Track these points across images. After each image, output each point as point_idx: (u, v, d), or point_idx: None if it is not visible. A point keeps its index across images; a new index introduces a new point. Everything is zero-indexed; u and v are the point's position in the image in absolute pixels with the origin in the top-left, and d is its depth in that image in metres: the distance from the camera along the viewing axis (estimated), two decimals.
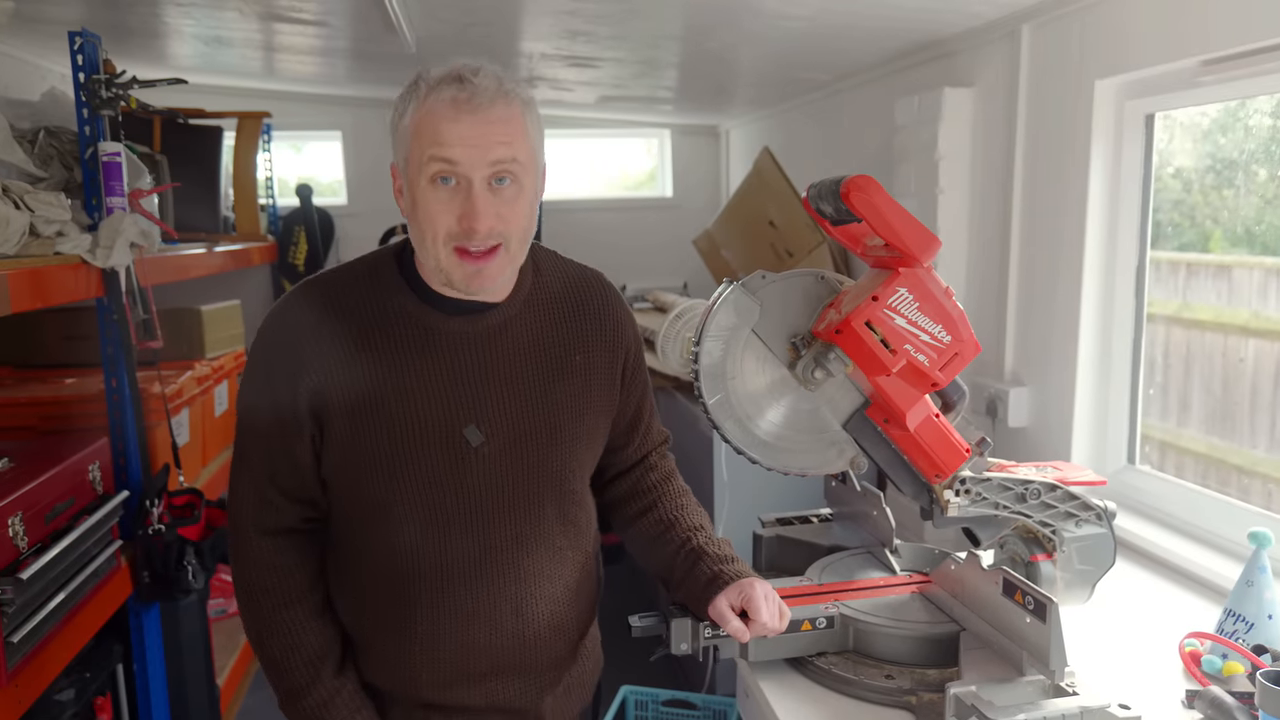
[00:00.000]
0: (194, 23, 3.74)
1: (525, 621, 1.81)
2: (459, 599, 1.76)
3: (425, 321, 1.73)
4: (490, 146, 1.60)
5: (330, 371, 1.69)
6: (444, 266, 1.66)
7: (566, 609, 1.88)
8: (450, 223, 1.62)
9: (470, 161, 1.59)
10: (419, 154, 1.61)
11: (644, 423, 2.05)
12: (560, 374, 1.81)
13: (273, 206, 5.77)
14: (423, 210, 1.63)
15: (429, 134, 1.60)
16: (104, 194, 2.84)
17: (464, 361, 1.73)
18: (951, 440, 2.01)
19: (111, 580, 2.79)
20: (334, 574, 1.84)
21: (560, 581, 1.86)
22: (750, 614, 1.81)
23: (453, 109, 1.59)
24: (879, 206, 1.81)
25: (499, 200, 1.63)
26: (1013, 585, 1.82)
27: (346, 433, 1.70)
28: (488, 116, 1.60)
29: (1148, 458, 2.82)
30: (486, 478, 1.74)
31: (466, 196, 1.61)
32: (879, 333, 1.86)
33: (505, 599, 1.79)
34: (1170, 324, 2.77)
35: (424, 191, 1.62)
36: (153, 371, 3.24)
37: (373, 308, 1.73)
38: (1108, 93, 2.68)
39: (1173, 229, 2.75)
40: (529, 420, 1.77)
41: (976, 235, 3.28)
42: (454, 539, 1.75)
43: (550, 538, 1.83)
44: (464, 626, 1.77)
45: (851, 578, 2.22)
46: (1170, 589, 2.40)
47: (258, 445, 1.76)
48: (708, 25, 3.48)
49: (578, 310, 1.87)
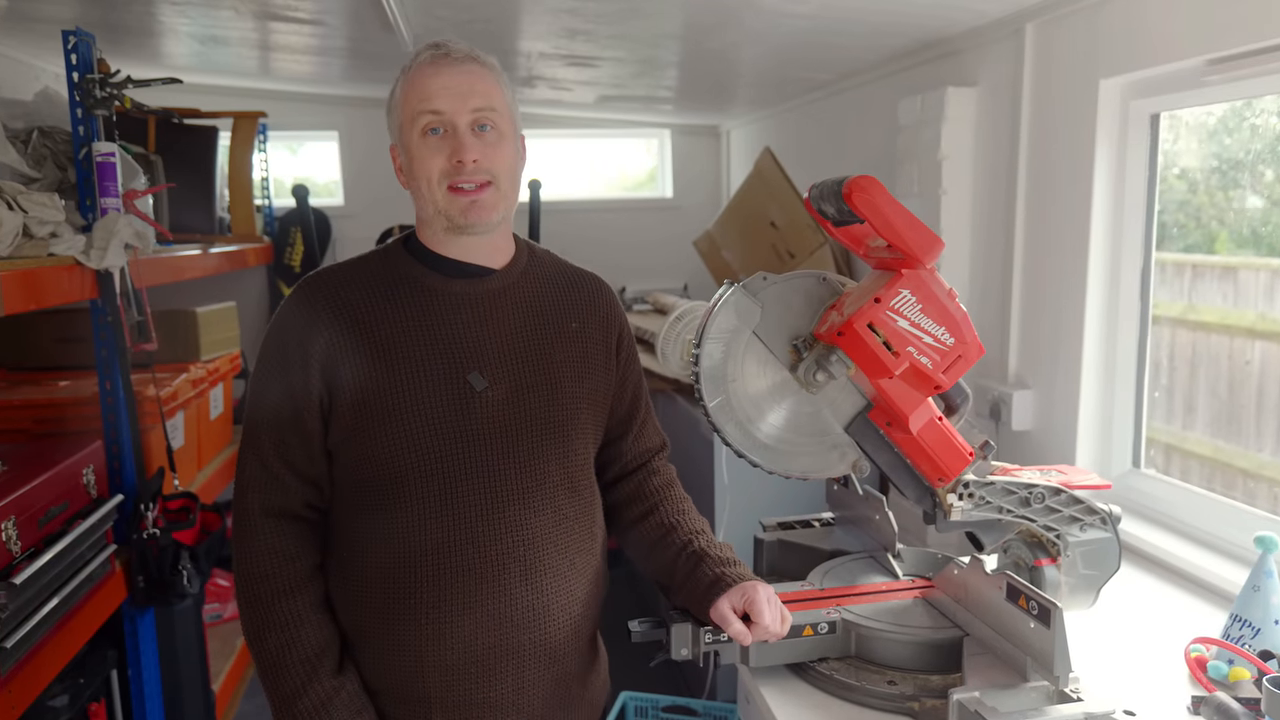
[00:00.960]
0: (189, 21, 3.75)
1: (535, 590, 1.83)
2: (467, 557, 1.79)
3: (428, 283, 1.87)
4: (469, 95, 1.79)
5: (338, 336, 1.80)
6: (442, 207, 1.82)
7: (575, 586, 1.90)
8: (443, 164, 1.79)
9: (453, 108, 1.78)
10: (410, 113, 1.80)
11: (641, 414, 2.10)
12: (558, 337, 1.92)
13: (268, 207, 5.76)
14: (419, 161, 1.81)
15: (415, 93, 1.80)
16: (98, 195, 2.84)
17: (465, 318, 1.85)
18: (955, 444, 2.02)
19: (105, 585, 2.79)
20: (335, 569, 1.86)
21: (566, 553, 1.88)
22: (753, 617, 1.82)
23: (432, 66, 1.80)
24: (881, 207, 1.82)
25: (483, 143, 1.80)
26: (1016, 590, 1.83)
27: (352, 389, 1.78)
28: (464, 69, 1.81)
29: (1153, 461, 2.83)
30: (491, 425, 1.81)
31: (455, 137, 1.79)
32: (881, 335, 1.86)
33: (513, 560, 1.81)
34: (1176, 326, 2.78)
35: (417, 145, 1.80)
36: (147, 374, 3.24)
37: (380, 279, 1.87)
38: (1113, 92, 2.69)
39: (1178, 230, 2.75)
40: (530, 374, 1.86)
41: (980, 236, 3.28)
42: (460, 494, 1.79)
43: (556, 499, 1.87)
44: (473, 588, 1.79)
45: (854, 582, 2.22)
46: (1176, 594, 2.40)
47: (267, 419, 1.82)
48: (708, 24, 3.49)
49: (572, 287, 2.00)
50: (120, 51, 4.17)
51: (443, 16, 3.52)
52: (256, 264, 5.21)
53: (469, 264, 1.88)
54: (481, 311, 1.86)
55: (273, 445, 1.82)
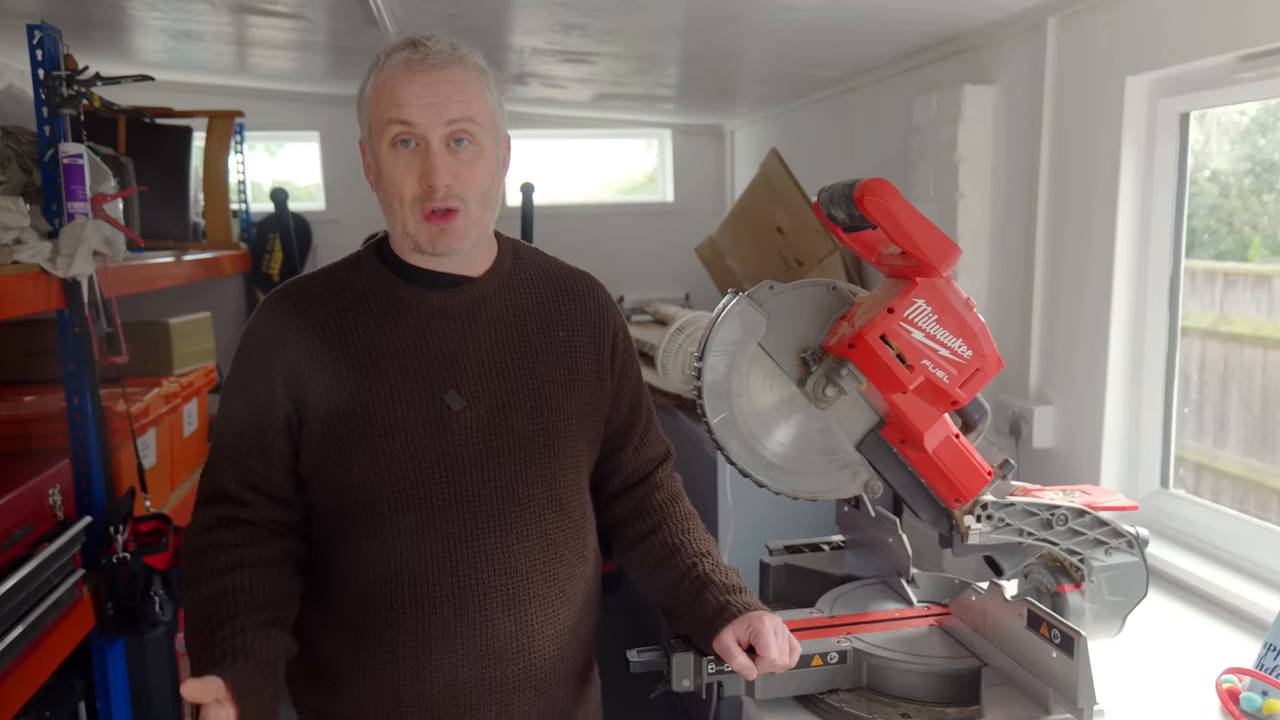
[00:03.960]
0: (161, 15, 3.76)
1: (519, 620, 1.83)
2: (446, 588, 1.79)
3: (401, 295, 1.84)
4: (445, 105, 1.73)
5: (307, 353, 1.79)
6: (411, 231, 1.78)
7: (563, 614, 1.90)
8: (412, 185, 1.75)
9: (426, 121, 1.73)
10: (379, 119, 1.75)
11: (641, 423, 2.09)
12: (544, 349, 1.90)
13: (246, 212, 5.76)
14: (386, 175, 1.77)
15: (386, 98, 1.74)
16: (65, 199, 2.85)
17: (441, 332, 1.83)
18: (972, 462, 2.02)
19: (73, 612, 2.79)
20: (306, 599, 1.86)
21: (554, 580, 1.88)
22: (758, 650, 1.80)
23: (406, 71, 1.74)
24: (894, 212, 1.82)
25: (457, 161, 1.76)
26: (1038, 618, 1.83)
27: (322, 410, 1.77)
28: (442, 76, 1.74)
29: (1182, 481, 2.83)
30: (469, 448, 1.80)
31: (425, 156, 1.74)
32: (895, 347, 1.87)
33: (495, 589, 1.81)
34: (1206, 338, 2.78)
35: (386, 156, 1.76)
36: (117, 389, 3.24)
37: (351, 291, 1.85)
38: (1139, 90, 2.70)
39: (1209, 236, 2.76)
40: (511, 391, 1.84)
41: (999, 242, 3.29)
42: (437, 522, 1.78)
43: (542, 524, 1.86)
44: (453, 619, 1.79)
45: (865, 609, 2.23)
46: (1206, 621, 2.40)
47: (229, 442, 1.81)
48: (711, 18, 3.50)
49: (560, 292, 1.97)
50: (89, 47, 4.17)
51: (429, 10, 3.53)
52: (233, 272, 5.22)
53: (445, 273, 1.87)
54: (459, 325, 1.85)
55: (236, 470, 1.81)
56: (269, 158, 6.49)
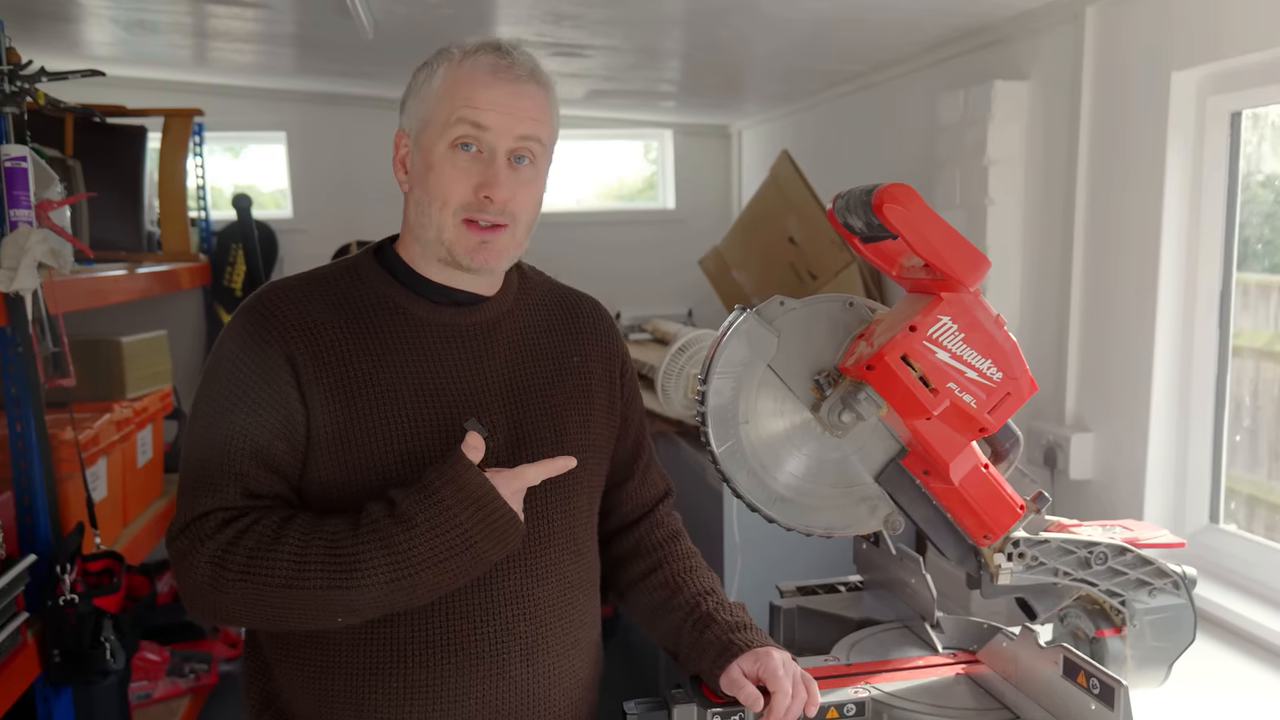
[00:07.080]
0: (113, 4, 3.78)
1: (536, 673, 1.84)
2: (459, 637, 1.78)
3: (413, 312, 1.84)
4: (520, 120, 1.79)
5: (309, 364, 1.76)
6: (448, 238, 1.80)
7: (579, 666, 1.91)
8: (465, 191, 1.78)
9: (499, 129, 1.78)
10: (446, 114, 1.78)
11: (645, 455, 2.12)
12: (559, 375, 1.92)
13: (205, 220, 5.79)
14: (437, 175, 1.78)
15: (463, 95, 1.77)
16: (7, 205, 2.85)
17: (457, 358, 1.84)
18: (1003, 495, 2.02)
19: (16, 659, 2.79)
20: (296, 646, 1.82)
21: (571, 628, 1.89)
22: (769, 685, 1.81)
23: (491, 74, 1.78)
24: (917, 221, 1.83)
25: (516, 178, 1.81)
26: (1075, 665, 1.83)
27: (330, 434, 1.75)
28: (523, 90, 1.81)
29: (1234, 515, 2.84)
30: None
31: (489, 165, 1.78)
32: (918, 369, 1.87)
33: (514, 636, 1.81)
34: (1260, 358, 2.79)
35: (442, 156, 1.78)
36: (64, 414, 3.25)
37: (353, 302, 1.84)
38: (1187, 86, 2.71)
39: (1263, 246, 2.77)
40: (531, 420, 1.86)
41: (1032, 254, 3.30)
42: None
43: (561, 565, 1.88)
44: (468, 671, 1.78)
45: (886, 657, 2.23)
46: (1260, 669, 2.41)
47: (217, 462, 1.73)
48: (719, 7, 3.52)
49: (570, 315, 2.01)
50: (33, 40, 4.19)
51: None
52: (191, 286, 5.23)
53: (458, 290, 1.87)
54: (475, 347, 1.86)
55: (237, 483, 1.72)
56: (231, 160, 6.51)
